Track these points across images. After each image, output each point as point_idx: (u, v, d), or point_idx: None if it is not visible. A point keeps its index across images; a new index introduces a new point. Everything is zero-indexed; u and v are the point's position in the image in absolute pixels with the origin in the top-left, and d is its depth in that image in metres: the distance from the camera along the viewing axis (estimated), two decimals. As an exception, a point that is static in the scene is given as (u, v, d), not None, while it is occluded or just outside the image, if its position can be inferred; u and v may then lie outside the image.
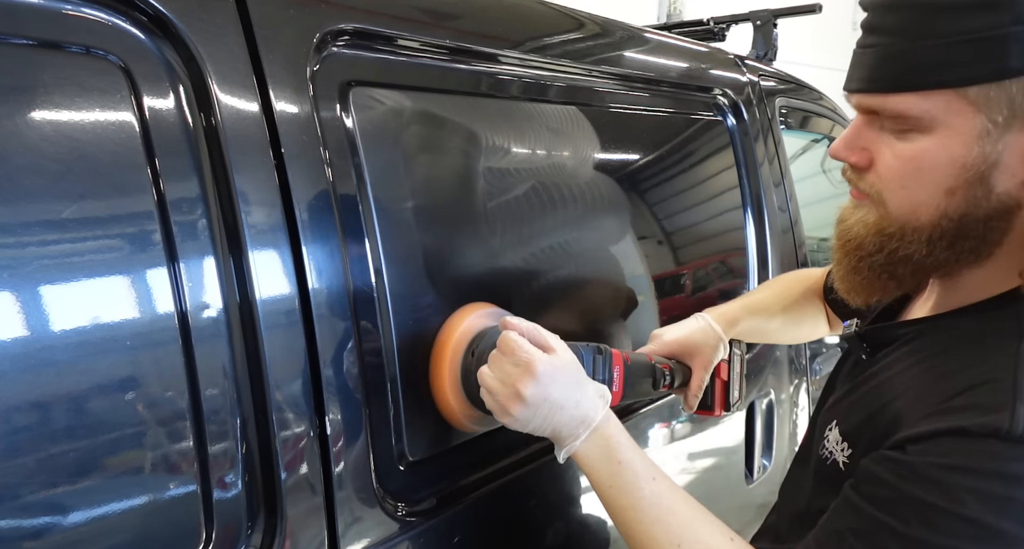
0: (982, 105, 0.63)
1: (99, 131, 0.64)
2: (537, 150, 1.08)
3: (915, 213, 0.68)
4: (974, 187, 0.65)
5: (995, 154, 0.64)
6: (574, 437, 0.79)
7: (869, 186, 0.71)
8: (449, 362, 0.87)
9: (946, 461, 0.62)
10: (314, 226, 0.76)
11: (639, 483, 0.77)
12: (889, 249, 0.70)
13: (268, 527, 0.74)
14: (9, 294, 0.58)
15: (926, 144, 0.66)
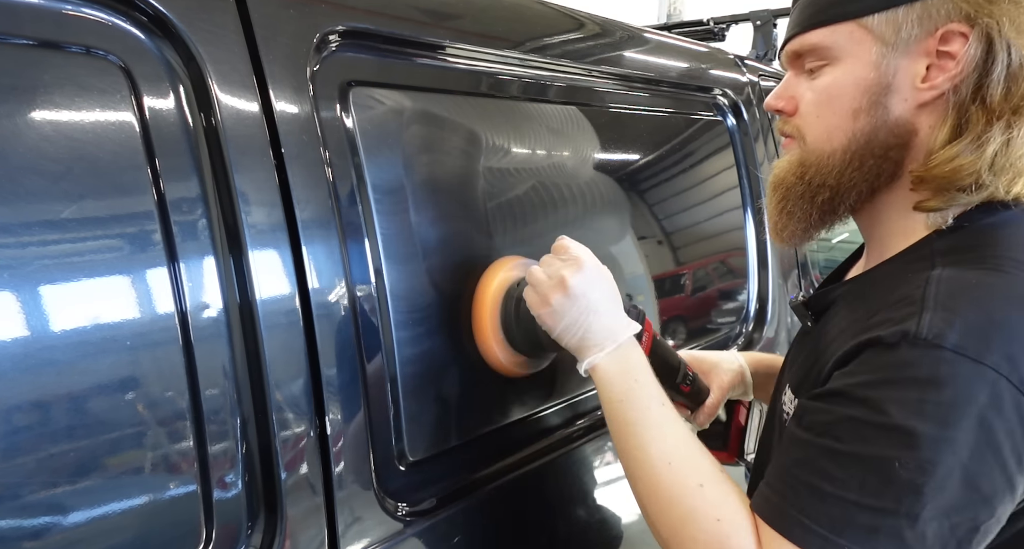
0: (876, 32, 0.74)
1: (99, 131, 0.64)
2: (537, 150, 1.08)
3: (829, 139, 0.79)
4: (875, 108, 0.76)
5: (888, 76, 0.75)
6: (599, 348, 0.83)
7: (792, 128, 0.83)
8: (490, 308, 0.92)
9: (867, 378, 0.68)
10: (314, 226, 0.76)
11: (649, 403, 0.81)
12: (808, 177, 0.80)
13: (268, 527, 0.74)
14: (9, 294, 0.58)
15: (835, 73, 0.77)
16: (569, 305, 0.83)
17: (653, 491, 0.78)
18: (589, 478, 1.16)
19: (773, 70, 1.91)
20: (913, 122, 0.76)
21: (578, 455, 1.12)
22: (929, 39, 0.73)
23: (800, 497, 0.68)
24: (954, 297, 0.68)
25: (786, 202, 0.83)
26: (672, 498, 0.76)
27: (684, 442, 0.79)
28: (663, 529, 0.76)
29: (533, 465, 1.03)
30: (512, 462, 1.02)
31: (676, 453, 0.78)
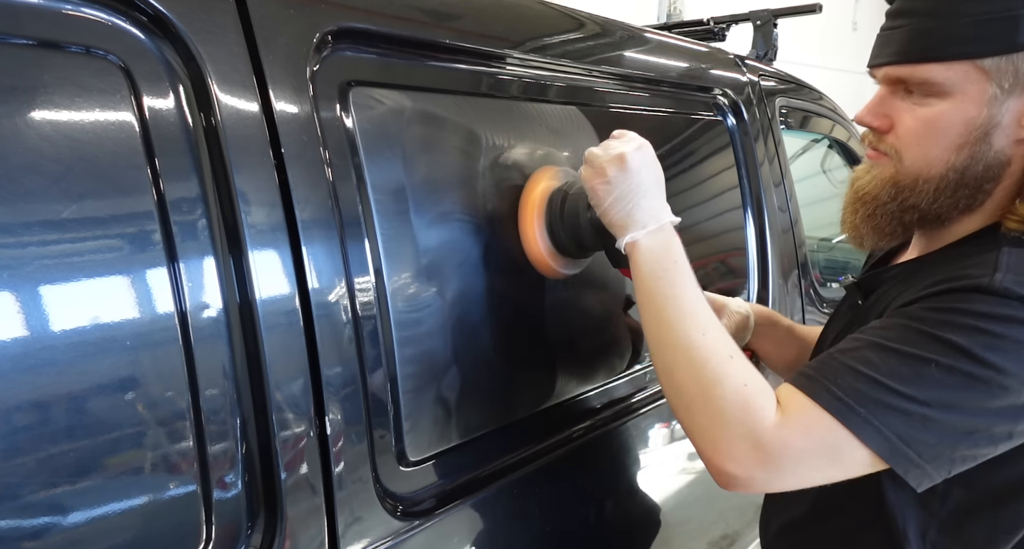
0: (993, 74, 0.76)
1: (99, 131, 0.64)
2: (538, 150, 1.08)
3: (928, 167, 0.81)
4: (979, 144, 0.79)
5: (999, 116, 0.78)
6: (642, 226, 0.87)
7: (888, 146, 0.84)
8: (536, 208, 0.98)
9: (929, 304, 0.76)
10: (314, 226, 0.76)
11: (685, 282, 0.85)
12: (902, 198, 0.83)
13: (268, 527, 0.74)
14: (9, 294, 0.58)
15: (943, 107, 0.79)
16: (622, 179, 0.87)
17: (686, 356, 0.81)
18: (590, 477, 1.16)
19: (773, 70, 1.91)
20: (1009, 155, 0.80)
21: (578, 455, 1.12)
22: None
23: (835, 372, 0.75)
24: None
25: (875, 217, 0.86)
26: (706, 362, 0.80)
27: (714, 320, 0.84)
28: (692, 389, 0.80)
29: (533, 465, 1.03)
30: (512, 462, 1.02)
31: (710, 327, 0.83)
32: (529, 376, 1.04)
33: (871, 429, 0.72)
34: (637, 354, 1.29)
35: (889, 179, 0.84)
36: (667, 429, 1.35)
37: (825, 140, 2.27)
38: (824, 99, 2.15)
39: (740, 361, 0.80)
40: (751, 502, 1.58)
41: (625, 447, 1.23)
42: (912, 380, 0.72)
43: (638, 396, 1.28)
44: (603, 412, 1.20)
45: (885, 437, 0.72)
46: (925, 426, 0.72)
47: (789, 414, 0.75)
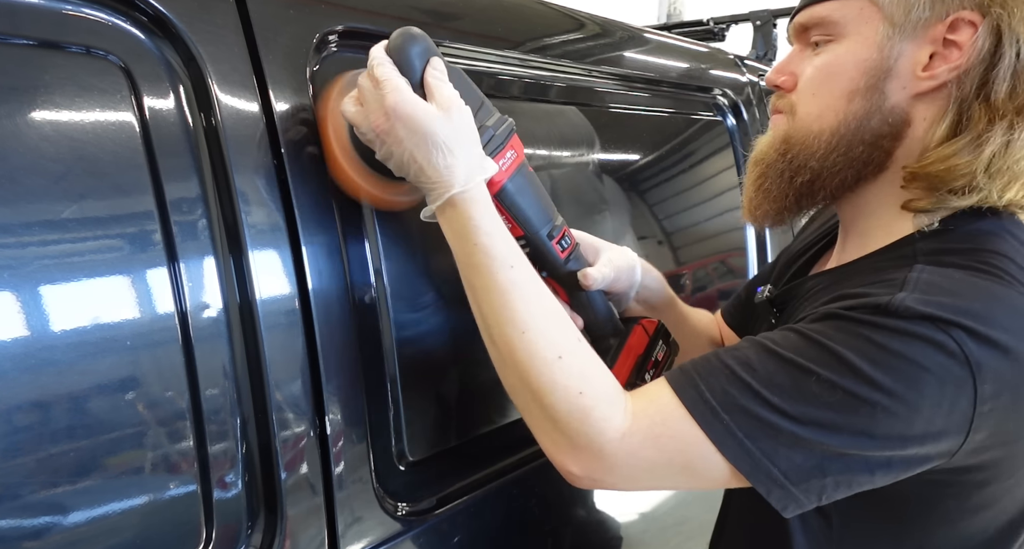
0: (886, 9, 0.72)
1: (99, 131, 0.64)
2: (537, 150, 1.08)
3: (819, 118, 0.76)
4: (871, 92, 0.73)
5: (891, 60, 0.72)
6: (432, 198, 0.73)
7: (786, 103, 0.80)
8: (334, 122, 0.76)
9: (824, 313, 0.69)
10: (314, 226, 0.76)
11: (493, 267, 0.72)
12: (791, 155, 0.77)
13: (268, 527, 0.74)
14: (9, 294, 0.58)
15: (838, 50, 0.75)
16: (390, 145, 0.71)
17: (509, 359, 0.72)
18: (589, 478, 1.16)
19: (773, 70, 1.91)
20: (908, 111, 0.74)
21: (578, 455, 1.12)
22: (938, 25, 0.70)
23: (710, 371, 0.68)
24: (934, 285, 0.67)
25: (764, 179, 0.80)
26: (528, 370, 0.70)
27: (540, 310, 0.72)
28: (524, 395, 0.72)
29: (533, 465, 1.03)
30: (512, 462, 1.02)
31: (530, 322, 0.71)
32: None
33: (732, 441, 0.65)
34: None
35: (781, 136, 0.79)
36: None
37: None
38: (824, 99, 2.15)
39: (573, 359, 0.71)
40: (751, 502, 1.58)
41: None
42: (788, 392, 0.65)
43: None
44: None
45: (747, 451, 0.65)
46: (795, 445, 0.65)
47: (642, 417, 0.68)
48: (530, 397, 0.71)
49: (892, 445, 0.65)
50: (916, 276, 0.67)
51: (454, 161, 0.71)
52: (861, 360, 0.64)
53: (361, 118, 0.72)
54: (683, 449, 0.67)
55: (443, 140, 0.70)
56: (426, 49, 0.73)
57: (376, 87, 0.70)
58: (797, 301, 0.82)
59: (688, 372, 0.70)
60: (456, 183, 0.71)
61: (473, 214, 0.72)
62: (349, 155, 0.76)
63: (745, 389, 0.66)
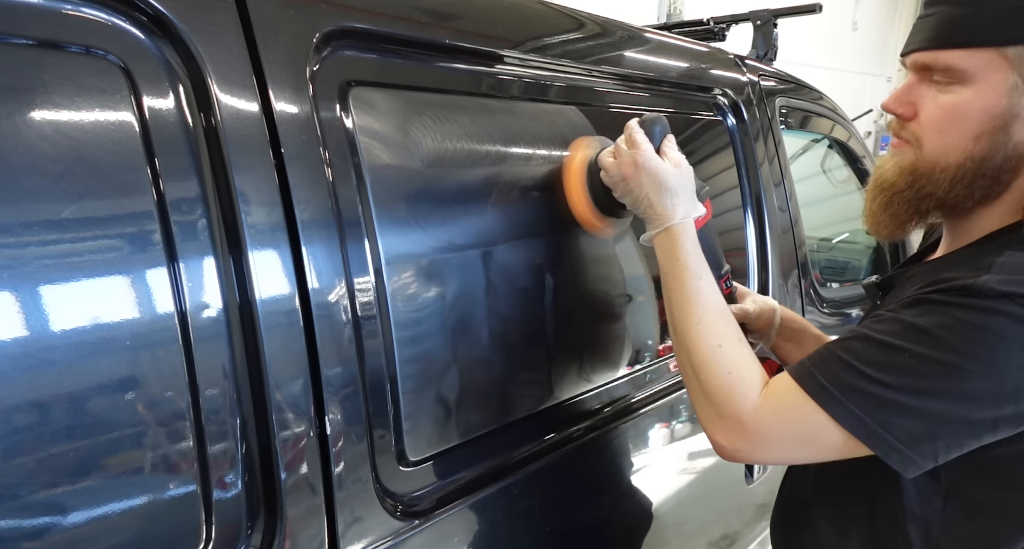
0: (1016, 63, 0.77)
1: (99, 131, 0.64)
2: (538, 150, 1.08)
3: (946, 154, 0.82)
4: (997, 134, 0.79)
5: (1019, 107, 0.78)
6: (654, 226, 0.98)
7: (910, 133, 0.85)
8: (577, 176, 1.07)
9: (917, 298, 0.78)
10: (314, 226, 0.76)
11: (687, 277, 0.94)
12: (918, 186, 0.85)
13: (268, 527, 0.74)
14: (9, 294, 0.58)
15: (965, 95, 0.80)
16: (633, 186, 0.98)
17: (682, 344, 0.92)
18: (590, 477, 1.16)
19: (773, 70, 1.91)
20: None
21: (578, 455, 1.12)
22: None
23: (823, 360, 0.80)
24: (1017, 267, 0.74)
25: (892, 205, 0.88)
26: (695, 350, 0.89)
27: (712, 311, 0.92)
28: (688, 372, 0.90)
29: (533, 465, 1.03)
30: (512, 462, 1.02)
31: (704, 318, 0.91)
32: (529, 376, 1.04)
33: (845, 411, 0.76)
34: (637, 355, 1.29)
35: (908, 167, 0.85)
36: (667, 429, 1.35)
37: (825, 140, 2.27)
38: (824, 99, 2.15)
39: (729, 349, 0.88)
40: (751, 502, 1.58)
41: (625, 447, 1.24)
42: (887, 367, 0.75)
43: (638, 396, 1.28)
44: (603, 412, 1.20)
45: (860, 420, 0.76)
46: (901, 412, 0.75)
47: (770, 397, 0.82)
48: (692, 374, 0.89)
49: (988, 406, 0.73)
50: (1003, 260, 0.76)
51: (677, 202, 0.97)
52: (946, 333, 0.73)
53: (615, 167, 1.00)
54: (802, 421, 0.79)
55: (672, 187, 0.97)
56: (665, 128, 1.03)
57: (631, 147, 0.99)
58: (899, 287, 0.92)
59: (804, 363, 0.82)
60: (675, 218, 0.96)
61: (681, 239, 0.96)
62: (585, 194, 1.07)
63: (849, 369, 0.77)
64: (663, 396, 1.31)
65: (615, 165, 1.00)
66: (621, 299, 1.25)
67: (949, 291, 0.75)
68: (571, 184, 1.08)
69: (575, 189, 1.08)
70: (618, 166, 0.99)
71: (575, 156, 1.09)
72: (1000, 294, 0.72)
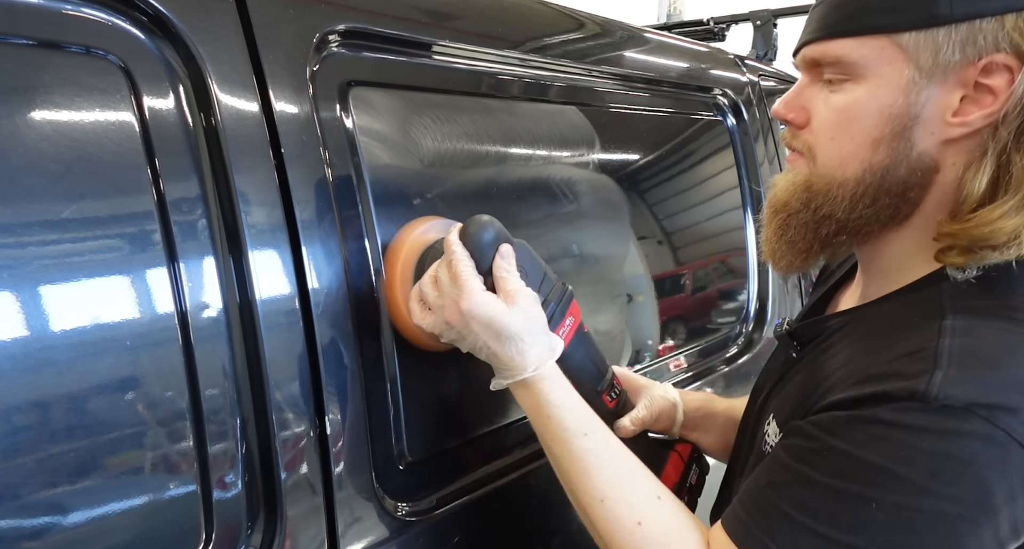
0: (911, 52, 0.65)
1: (99, 131, 0.64)
2: (538, 150, 1.08)
3: (842, 166, 0.70)
4: (897, 140, 0.68)
5: (918, 106, 0.66)
6: (504, 377, 0.79)
7: (802, 143, 0.74)
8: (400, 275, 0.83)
9: (864, 415, 0.63)
10: (314, 226, 0.76)
11: (568, 438, 0.77)
12: (815, 205, 0.72)
13: (268, 527, 0.74)
14: (9, 294, 0.58)
15: (857, 93, 0.69)
16: (462, 338, 0.78)
17: (591, 528, 0.75)
18: (589, 478, 1.16)
19: (773, 70, 1.91)
20: (937, 158, 0.68)
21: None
22: (969, 68, 0.64)
23: (770, 521, 0.65)
24: (970, 354, 0.62)
25: (787, 229, 0.75)
26: (612, 538, 0.73)
27: (617, 476, 0.75)
28: None
29: (533, 465, 1.03)
30: (512, 462, 1.02)
31: (607, 490, 0.74)
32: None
33: None
34: (637, 356, 1.29)
35: (802, 183, 0.73)
36: (667, 429, 1.35)
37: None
38: (824, 99, 2.15)
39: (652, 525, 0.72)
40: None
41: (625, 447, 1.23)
42: (855, 527, 0.61)
43: (638, 396, 1.28)
44: (603, 412, 1.20)
45: None
46: None
47: None
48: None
49: None
50: (948, 343, 0.63)
51: (525, 348, 0.76)
52: (914, 472, 0.60)
53: (434, 320, 0.78)
54: None
55: (513, 332, 0.76)
56: (496, 237, 0.79)
57: (453, 283, 0.76)
58: (820, 340, 0.78)
59: (748, 526, 0.67)
60: (528, 367, 0.77)
61: (543, 390, 0.77)
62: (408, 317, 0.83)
63: (813, 535, 0.63)
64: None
65: (436, 315, 0.78)
66: (620, 299, 1.25)
67: (896, 403, 0.61)
68: (392, 287, 0.83)
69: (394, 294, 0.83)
70: (441, 311, 0.77)
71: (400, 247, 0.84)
72: (962, 407, 0.59)
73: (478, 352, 0.78)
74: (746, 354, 1.55)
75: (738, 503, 0.70)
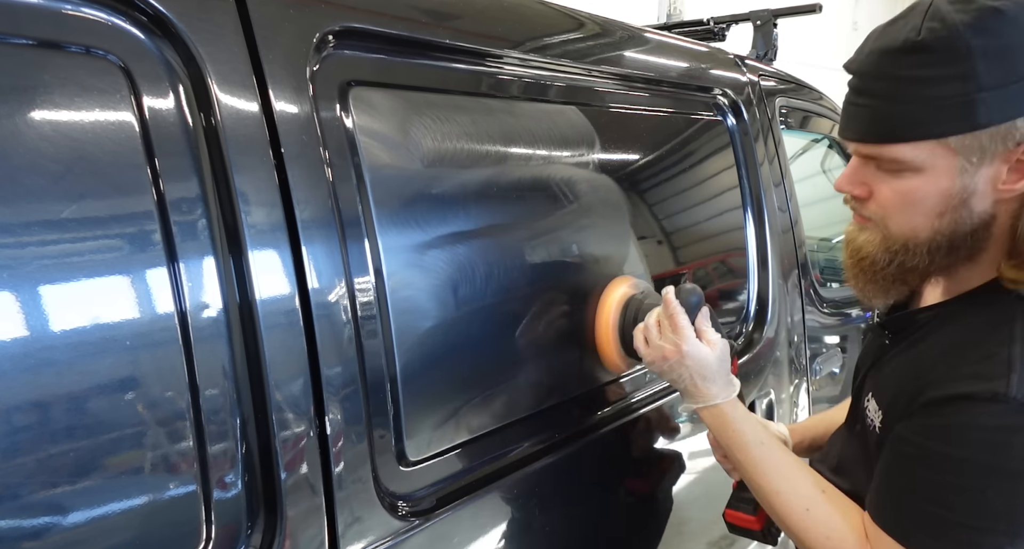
0: (959, 150, 0.78)
1: (99, 131, 0.64)
2: (538, 150, 1.08)
3: (914, 233, 0.84)
4: (959, 210, 0.81)
5: (972, 185, 0.79)
6: (695, 402, 1.04)
7: (872, 213, 0.87)
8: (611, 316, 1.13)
9: (958, 420, 0.80)
10: (314, 226, 0.76)
11: (748, 448, 1.00)
12: (898, 262, 0.86)
13: (268, 527, 0.74)
14: (9, 294, 0.58)
15: (918, 182, 0.81)
16: (673, 367, 1.03)
17: (774, 514, 0.97)
18: (590, 477, 1.16)
19: (773, 70, 1.91)
20: (993, 213, 0.81)
21: (579, 455, 1.12)
22: (1010, 152, 0.77)
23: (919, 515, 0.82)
24: None
25: (877, 280, 0.89)
26: (788, 521, 0.95)
27: (787, 474, 0.97)
28: (789, 531, 0.95)
29: (533, 465, 1.03)
30: (512, 462, 1.02)
31: (782, 485, 0.96)
32: (529, 376, 1.04)
33: None
34: (637, 354, 1.28)
35: (881, 244, 0.86)
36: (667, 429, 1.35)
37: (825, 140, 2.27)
38: (824, 99, 2.15)
39: (819, 509, 0.92)
40: (751, 502, 1.57)
41: (625, 447, 1.23)
42: (981, 513, 0.78)
43: (638, 396, 1.28)
44: (604, 412, 1.20)
45: None
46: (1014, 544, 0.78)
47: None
48: (794, 534, 0.95)
49: None
50: (1020, 350, 0.78)
51: (713, 384, 1.03)
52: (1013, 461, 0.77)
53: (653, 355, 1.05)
54: None
55: (713, 371, 1.03)
56: (701, 299, 1.07)
57: (674, 330, 1.03)
58: (911, 331, 0.93)
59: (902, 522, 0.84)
60: (718, 397, 1.03)
61: (727, 412, 1.02)
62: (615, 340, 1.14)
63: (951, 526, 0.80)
64: (663, 396, 1.31)
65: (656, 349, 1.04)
66: (621, 299, 1.25)
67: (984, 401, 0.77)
68: (602, 326, 1.13)
69: (605, 332, 1.13)
70: (660, 349, 1.03)
71: (610, 296, 1.14)
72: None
73: (678, 383, 1.04)
74: (746, 354, 1.55)
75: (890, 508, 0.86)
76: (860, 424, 0.99)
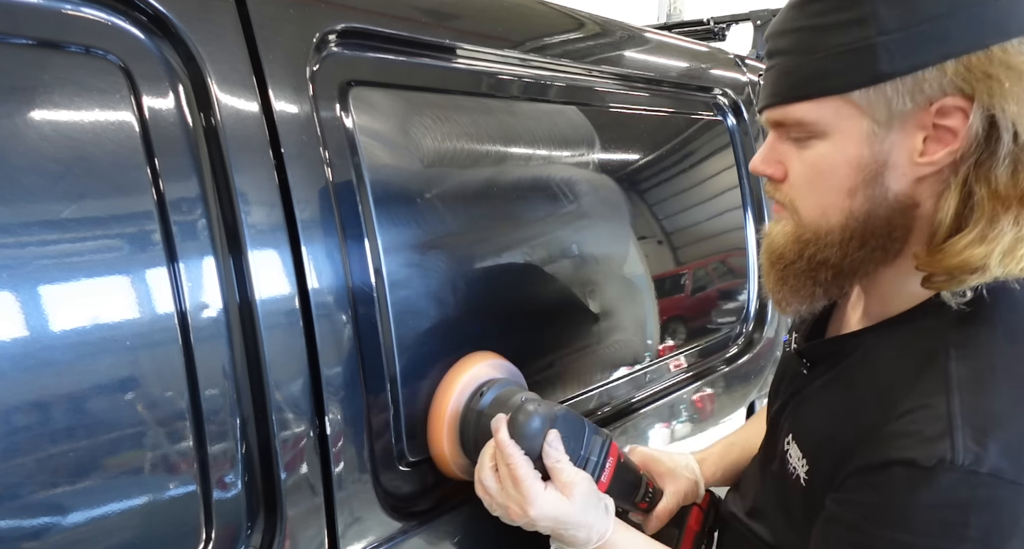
0: (865, 108, 0.69)
1: (99, 131, 0.64)
2: (538, 150, 1.08)
3: (824, 216, 0.74)
4: (871, 186, 0.71)
5: (883, 154, 0.70)
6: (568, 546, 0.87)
7: (784, 196, 0.78)
8: (449, 412, 0.90)
9: (899, 497, 0.67)
10: (314, 226, 0.76)
11: None
12: (808, 255, 0.76)
13: (268, 527, 0.74)
14: (9, 294, 0.58)
15: (824, 148, 0.72)
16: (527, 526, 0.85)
17: None
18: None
19: (773, 70, 1.90)
20: (913, 196, 0.72)
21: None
22: (923, 113, 0.68)
23: None
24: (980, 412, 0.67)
25: (787, 279, 0.79)
26: None
27: None
28: None
29: (533, 465, 1.03)
30: (512, 462, 1.02)
31: None
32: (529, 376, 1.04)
33: None
34: (637, 356, 1.29)
35: (792, 234, 0.77)
36: (667, 429, 1.35)
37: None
38: (824, 99, 2.15)
39: None
40: (751, 502, 1.57)
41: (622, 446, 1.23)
42: None
43: (638, 396, 1.28)
44: (603, 412, 1.20)
45: None
46: None
47: None
48: None
49: None
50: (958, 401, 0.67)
51: (583, 530, 0.84)
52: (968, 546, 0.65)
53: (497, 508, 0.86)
54: None
55: (577, 521, 0.84)
56: (542, 425, 0.83)
57: (516, 487, 0.83)
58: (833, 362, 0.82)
59: None
60: (591, 542, 0.85)
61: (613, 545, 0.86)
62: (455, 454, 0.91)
63: None
64: (663, 396, 1.31)
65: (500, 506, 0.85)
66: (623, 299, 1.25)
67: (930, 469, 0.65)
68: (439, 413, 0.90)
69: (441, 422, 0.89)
70: (504, 508, 0.85)
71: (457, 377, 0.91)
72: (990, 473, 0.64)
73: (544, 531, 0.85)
74: (746, 354, 1.55)
75: None
76: (779, 465, 0.86)
